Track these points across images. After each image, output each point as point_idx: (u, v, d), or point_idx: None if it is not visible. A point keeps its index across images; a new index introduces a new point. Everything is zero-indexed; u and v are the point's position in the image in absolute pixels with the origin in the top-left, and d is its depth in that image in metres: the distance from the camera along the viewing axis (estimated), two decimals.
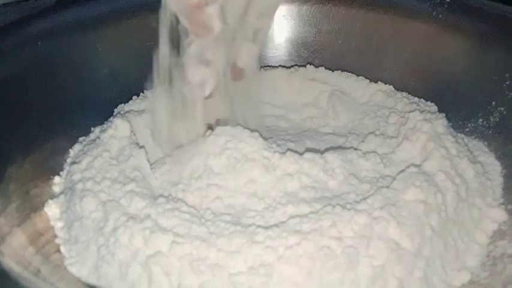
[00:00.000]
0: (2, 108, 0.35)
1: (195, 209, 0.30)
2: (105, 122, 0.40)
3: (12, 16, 0.42)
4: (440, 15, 0.46)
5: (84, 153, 0.35)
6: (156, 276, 0.26)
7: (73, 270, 0.29)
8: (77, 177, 0.33)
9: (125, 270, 0.27)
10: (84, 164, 0.34)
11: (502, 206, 0.33)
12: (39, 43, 0.41)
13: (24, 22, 0.41)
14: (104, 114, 0.43)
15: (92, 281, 0.28)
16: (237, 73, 0.37)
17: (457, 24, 0.45)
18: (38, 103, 0.39)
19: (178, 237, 0.27)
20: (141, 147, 0.37)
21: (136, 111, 0.40)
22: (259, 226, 0.27)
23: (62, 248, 0.30)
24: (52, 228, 0.32)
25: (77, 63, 0.44)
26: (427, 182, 0.30)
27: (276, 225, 0.27)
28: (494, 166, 0.36)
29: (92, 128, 0.40)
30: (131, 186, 0.32)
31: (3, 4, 0.52)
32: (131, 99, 0.44)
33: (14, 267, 0.24)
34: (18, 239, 0.28)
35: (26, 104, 0.38)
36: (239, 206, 0.30)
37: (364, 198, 0.29)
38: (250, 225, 0.28)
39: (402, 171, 0.31)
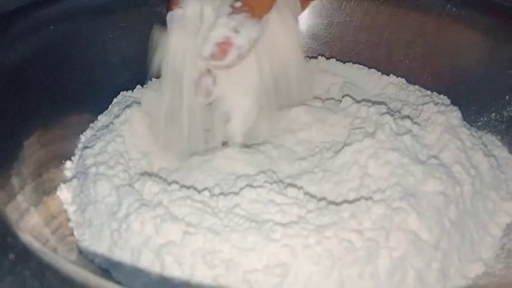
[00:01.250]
0: (15, 93, 0.35)
1: (208, 197, 0.29)
2: (107, 110, 0.40)
3: (21, 2, 0.42)
4: (453, 8, 0.45)
5: (97, 138, 0.34)
6: (169, 264, 0.25)
7: (87, 252, 0.28)
8: (90, 161, 0.32)
9: (137, 257, 0.26)
10: (97, 148, 0.33)
11: None
12: (51, 27, 0.41)
13: (36, 7, 0.41)
14: (111, 101, 0.43)
15: (106, 264, 0.27)
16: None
17: (470, 17, 0.43)
18: (48, 88, 0.38)
19: (191, 227, 0.26)
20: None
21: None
22: (276, 223, 0.26)
23: (76, 232, 0.29)
24: (65, 211, 0.31)
25: (87, 49, 0.43)
26: (446, 173, 0.29)
27: (295, 222, 0.26)
28: (507, 160, 0.35)
29: (99, 117, 0.40)
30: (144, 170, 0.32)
31: None
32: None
33: (32, 241, 0.23)
34: (34, 219, 0.27)
35: (38, 89, 0.37)
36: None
37: (382, 190, 0.28)
38: (267, 221, 0.26)
39: (421, 162, 0.30)
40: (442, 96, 0.41)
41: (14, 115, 0.34)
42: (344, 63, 0.47)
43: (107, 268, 0.27)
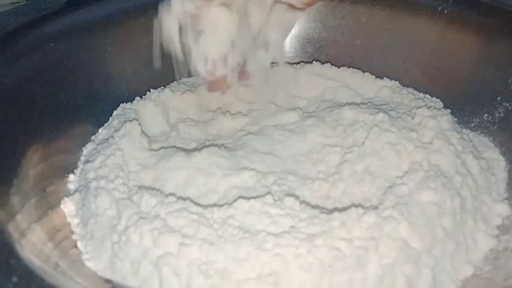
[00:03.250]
0: (17, 109, 0.36)
1: (203, 208, 0.30)
2: (107, 123, 0.41)
3: (22, 18, 0.43)
4: (445, 11, 0.45)
5: (98, 152, 0.35)
6: (166, 275, 0.26)
7: (90, 264, 0.29)
8: (91, 175, 0.33)
9: (136, 268, 0.27)
10: (97, 162, 0.34)
11: (506, 201, 0.33)
12: (50, 44, 0.42)
13: (36, 24, 0.42)
14: (112, 113, 0.43)
15: (108, 275, 0.28)
16: (243, 75, 0.38)
17: (463, 19, 0.43)
18: (50, 102, 0.38)
19: (186, 238, 0.27)
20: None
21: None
22: (269, 233, 0.27)
23: (79, 244, 0.30)
24: (69, 224, 0.32)
25: (87, 63, 0.44)
26: (443, 185, 0.29)
27: (287, 232, 0.27)
28: (498, 161, 0.35)
29: (99, 130, 0.40)
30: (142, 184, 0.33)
31: (11, 3, 0.53)
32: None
33: (34, 260, 0.25)
34: (37, 235, 0.28)
35: (39, 104, 0.38)
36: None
37: (375, 197, 0.29)
38: (259, 231, 0.27)
39: (412, 169, 0.31)
40: (434, 98, 0.41)
41: (16, 130, 0.35)
42: (339, 67, 0.48)
43: (109, 279, 0.29)
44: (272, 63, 0.49)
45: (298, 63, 0.49)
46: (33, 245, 0.26)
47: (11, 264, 0.19)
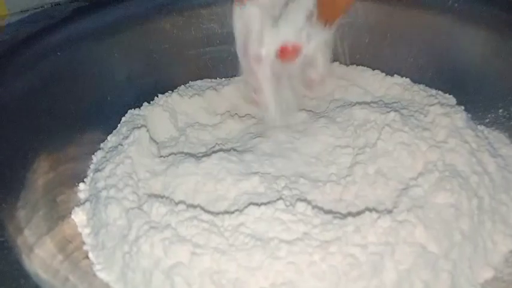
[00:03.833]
0: (26, 118, 0.36)
1: (214, 215, 0.29)
2: (116, 130, 0.40)
3: (30, 27, 0.43)
4: (456, 4, 0.44)
5: (107, 160, 0.35)
6: (178, 285, 0.26)
7: (102, 275, 0.29)
8: (100, 184, 0.33)
9: (148, 278, 0.27)
10: (107, 171, 0.33)
11: None
12: (57, 53, 0.42)
13: (44, 33, 0.42)
14: (120, 119, 0.43)
15: (120, 286, 0.28)
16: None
17: (473, 12, 0.42)
18: (59, 111, 0.38)
19: (198, 248, 0.26)
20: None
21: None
22: (282, 241, 0.26)
23: (90, 254, 0.30)
24: (79, 234, 0.32)
25: (94, 69, 0.44)
26: (459, 186, 0.28)
27: (300, 239, 0.26)
28: None
29: (108, 137, 0.40)
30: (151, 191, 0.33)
31: (21, 11, 0.53)
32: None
33: (42, 276, 0.25)
34: (46, 248, 0.28)
35: (48, 112, 0.38)
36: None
37: (389, 201, 0.28)
38: (272, 239, 0.26)
39: (427, 170, 0.30)
40: (447, 95, 0.40)
41: (25, 140, 0.35)
42: (347, 65, 0.47)
43: None
44: None
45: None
46: (42, 260, 0.26)
47: (21, 284, 0.19)
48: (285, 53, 0.30)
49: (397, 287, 0.25)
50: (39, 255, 0.26)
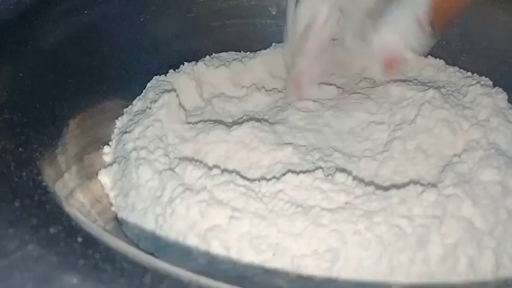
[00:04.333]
0: (53, 74, 0.35)
1: (250, 182, 0.29)
2: (141, 94, 0.39)
3: None
4: None
5: (135, 123, 0.34)
6: (215, 249, 0.25)
7: (132, 236, 0.28)
8: (130, 146, 0.31)
9: (182, 241, 0.26)
10: (136, 133, 0.32)
11: None
12: (85, 12, 0.40)
13: None
14: (144, 86, 0.42)
15: (151, 248, 0.27)
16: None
17: None
18: (84, 72, 0.37)
19: (236, 211, 0.26)
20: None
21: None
22: (323, 209, 0.25)
23: (119, 216, 0.29)
24: (107, 196, 0.31)
25: (119, 33, 0.43)
26: (506, 164, 0.28)
27: (342, 208, 0.25)
28: None
29: (134, 101, 0.39)
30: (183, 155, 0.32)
31: None
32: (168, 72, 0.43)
33: (83, 219, 0.23)
34: (81, 200, 0.27)
35: (74, 72, 0.36)
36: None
37: (432, 175, 0.27)
38: (313, 206, 0.25)
39: (470, 147, 0.29)
40: (483, 78, 0.39)
41: (52, 98, 0.33)
42: None
43: (152, 252, 0.27)
44: None
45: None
46: (81, 206, 0.25)
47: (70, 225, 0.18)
48: (391, 64, 0.29)
49: (442, 261, 0.25)
50: (78, 203, 0.25)
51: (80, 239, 0.17)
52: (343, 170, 0.30)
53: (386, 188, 0.27)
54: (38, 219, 0.18)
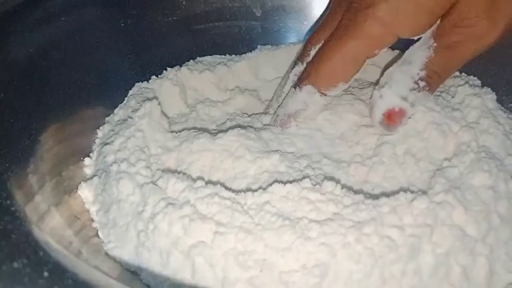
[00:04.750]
0: (30, 86, 0.33)
1: (235, 193, 0.27)
2: (123, 103, 0.38)
3: None
4: None
5: (116, 133, 0.32)
6: (200, 266, 0.24)
7: (114, 254, 0.27)
8: (110, 158, 0.30)
9: (166, 258, 0.25)
10: (117, 144, 0.31)
11: None
12: (62, 18, 0.39)
13: None
14: (126, 93, 0.41)
15: (134, 266, 0.26)
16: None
17: None
18: (62, 81, 0.36)
19: (221, 226, 0.25)
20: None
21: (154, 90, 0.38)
22: (312, 221, 0.24)
23: (100, 233, 0.28)
24: (87, 211, 0.30)
25: (99, 39, 0.41)
26: (496, 167, 0.27)
27: (331, 219, 0.24)
28: None
29: (115, 110, 0.38)
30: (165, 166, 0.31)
31: None
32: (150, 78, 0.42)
33: (55, 245, 0.22)
34: (56, 220, 0.26)
35: (51, 81, 0.35)
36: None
37: (422, 181, 0.26)
38: (300, 218, 0.24)
39: (460, 151, 0.29)
40: (472, 77, 0.39)
41: (28, 111, 0.32)
42: None
43: (134, 270, 0.26)
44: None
45: None
46: (53, 230, 0.23)
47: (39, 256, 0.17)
48: (390, 116, 0.30)
49: (434, 271, 0.24)
50: (50, 226, 0.24)
51: (46, 274, 0.16)
52: (332, 178, 0.29)
53: (376, 196, 0.27)
54: (1, 253, 0.16)
